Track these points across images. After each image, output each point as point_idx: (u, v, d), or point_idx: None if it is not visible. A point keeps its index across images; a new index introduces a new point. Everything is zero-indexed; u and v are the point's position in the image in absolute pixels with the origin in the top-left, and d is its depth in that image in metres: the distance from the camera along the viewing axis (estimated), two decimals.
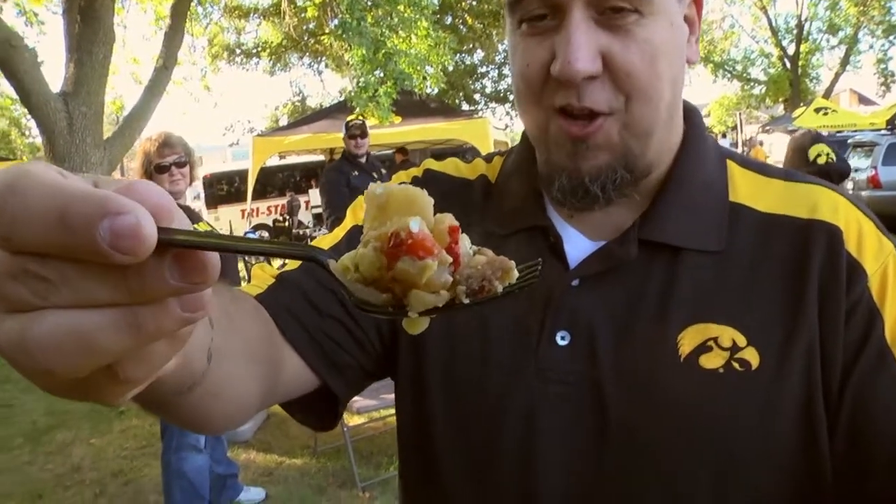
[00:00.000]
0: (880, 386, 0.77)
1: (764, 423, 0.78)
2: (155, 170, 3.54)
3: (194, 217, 3.76)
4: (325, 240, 1.01)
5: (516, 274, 0.45)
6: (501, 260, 0.45)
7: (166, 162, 3.53)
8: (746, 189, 0.89)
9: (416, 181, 1.03)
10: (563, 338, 0.85)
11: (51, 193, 0.35)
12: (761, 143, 23.62)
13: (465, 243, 0.45)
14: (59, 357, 0.36)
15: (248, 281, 0.98)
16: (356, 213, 1.01)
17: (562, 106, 0.80)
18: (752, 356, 0.79)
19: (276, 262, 1.13)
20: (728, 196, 0.88)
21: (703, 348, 0.80)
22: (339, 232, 1.00)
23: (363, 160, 6.09)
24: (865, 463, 0.78)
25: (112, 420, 6.06)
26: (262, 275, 0.95)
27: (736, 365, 0.79)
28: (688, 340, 0.80)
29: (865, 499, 0.79)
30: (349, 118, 6.48)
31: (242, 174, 16.63)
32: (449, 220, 0.44)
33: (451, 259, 0.43)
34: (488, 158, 1.06)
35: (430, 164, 1.06)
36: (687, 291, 0.82)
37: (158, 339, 0.39)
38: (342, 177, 5.89)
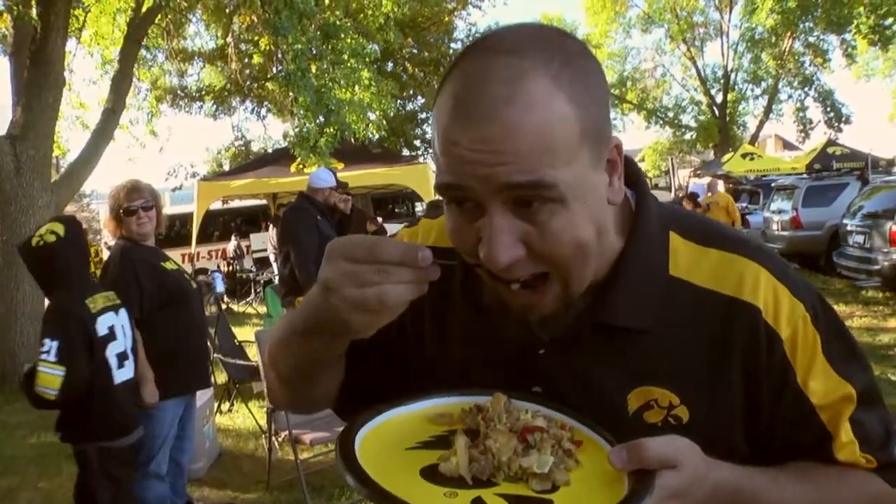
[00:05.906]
0: (795, 417, 0.98)
1: None
2: (123, 213, 3.74)
3: (161, 256, 3.94)
4: None
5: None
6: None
7: (134, 206, 3.74)
8: (686, 261, 1.00)
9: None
10: (536, 391, 1.04)
11: (395, 244, 0.83)
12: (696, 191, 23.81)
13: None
14: (394, 304, 0.82)
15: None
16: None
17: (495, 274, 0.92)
18: (683, 413, 0.97)
19: None
20: (668, 270, 1.00)
21: (646, 407, 0.98)
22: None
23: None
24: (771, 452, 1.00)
25: (61, 463, 5.95)
26: None
27: (671, 420, 0.97)
28: (634, 400, 0.98)
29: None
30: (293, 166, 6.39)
31: (182, 218, 16.48)
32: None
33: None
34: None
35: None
36: (632, 360, 0.98)
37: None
38: (312, 219, 5.94)
